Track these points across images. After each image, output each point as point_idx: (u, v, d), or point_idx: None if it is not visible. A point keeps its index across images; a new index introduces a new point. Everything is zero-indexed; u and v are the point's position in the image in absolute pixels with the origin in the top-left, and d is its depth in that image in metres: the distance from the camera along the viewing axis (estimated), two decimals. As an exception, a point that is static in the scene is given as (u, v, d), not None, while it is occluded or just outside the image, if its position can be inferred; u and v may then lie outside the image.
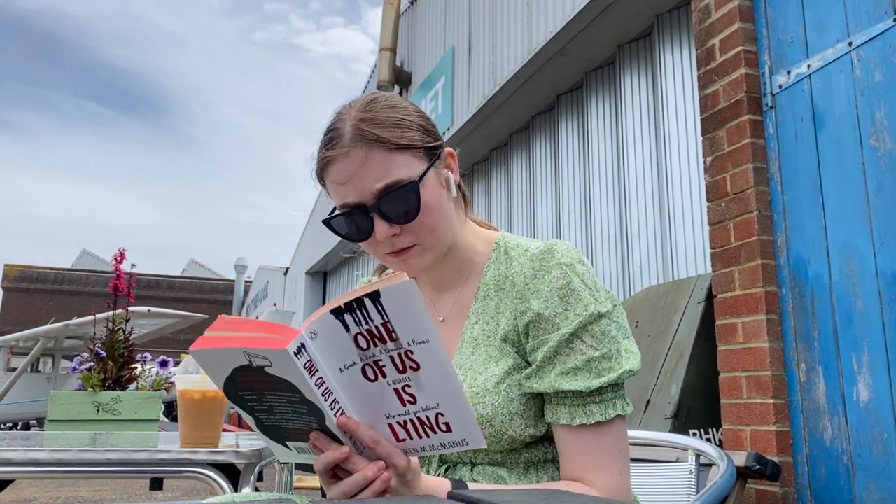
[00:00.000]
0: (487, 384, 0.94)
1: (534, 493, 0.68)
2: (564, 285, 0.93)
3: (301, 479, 3.79)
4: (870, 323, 2.33)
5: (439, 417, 0.75)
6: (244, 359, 0.71)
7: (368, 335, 0.72)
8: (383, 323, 0.71)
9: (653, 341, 3.29)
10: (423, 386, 0.74)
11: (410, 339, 0.71)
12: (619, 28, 5.10)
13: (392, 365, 0.73)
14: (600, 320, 0.93)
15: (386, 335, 0.71)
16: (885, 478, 2.24)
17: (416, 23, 8.84)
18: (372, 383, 0.75)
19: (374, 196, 0.92)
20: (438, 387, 0.74)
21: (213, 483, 1.53)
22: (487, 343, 0.98)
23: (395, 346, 0.72)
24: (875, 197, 2.35)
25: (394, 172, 0.92)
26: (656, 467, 1.49)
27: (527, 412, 0.94)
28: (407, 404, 0.75)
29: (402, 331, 0.71)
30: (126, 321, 2.57)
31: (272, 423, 0.79)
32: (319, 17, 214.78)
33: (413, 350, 0.72)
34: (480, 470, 0.97)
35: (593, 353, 0.91)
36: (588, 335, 0.92)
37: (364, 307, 0.70)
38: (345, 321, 0.71)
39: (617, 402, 0.93)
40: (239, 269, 22.13)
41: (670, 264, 4.62)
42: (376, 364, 0.73)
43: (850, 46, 2.48)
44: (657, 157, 4.90)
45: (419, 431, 0.77)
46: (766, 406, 2.58)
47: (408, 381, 0.74)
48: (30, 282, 31.44)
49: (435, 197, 0.96)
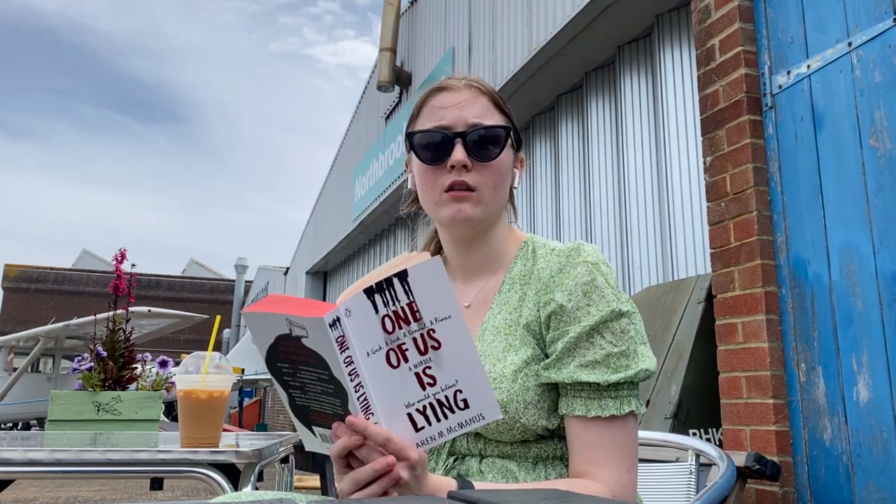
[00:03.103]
0: (506, 371, 0.96)
1: (534, 493, 0.68)
2: (589, 281, 0.97)
3: (301, 479, 3.79)
4: (869, 323, 2.33)
5: (458, 395, 0.78)
6: (286, 327, 0.75)
7: (394, 316, 0.75)
8: (409, 303, 0.74)
9: (653, 341, 3.29)
10: (442, 365, 0.77)
11: (433, 317, 0.75)
12: (619, 28, 5.10)
13: (414, 347, 0.76)
14: (620, 318, 0.96)
15: (410, 315, 0.74)
16: (884, 478, 2.24)
17: (416, 23, 8.85)
18: (394, 370, 0.77)
19: (468, 126, 1.01)
20: (458, 363, 0.76)
21: (214, 483, 1.53)
22: (509, 332, 1.01)
23: (419, 325, 0.75)
24: (875, 197, 2.35)
25: (491, 119, 1.03)
26: (656, 467, 1.49)
27: (541, 403, 0.96)
28: (427, 387, 0.78)
29: (425, 310, 0.74)
30: (126, 321, 2.57)
31: (303, 402, 0.82)
32: (332, 30, 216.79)
33: (435, 328, 0.75)
34: (490, 462, 0.97)
35: (612, 349, 0.94)
36: (608, 331, 0.95)
37: (392, 287, 0.73)
38: (374, 302, 0.74)
39: (632, 400, 0.95)
40: (239, 269, 22.13)
41: (670, 264, 4.62)
42: (399, 348, 0.76)
43: (850, 47, 2.48)
44: (657, 158, 4.90)
45: (437, 414, 0.79)
46: (766, 406, 2.58)
47: (428, 363, 0.77)
48: (30, 282, 31.42)
49: (507, 164, 1.04)
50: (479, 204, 1.01)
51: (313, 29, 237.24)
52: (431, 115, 1.04)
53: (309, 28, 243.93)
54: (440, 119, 1.02)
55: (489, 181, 1.01)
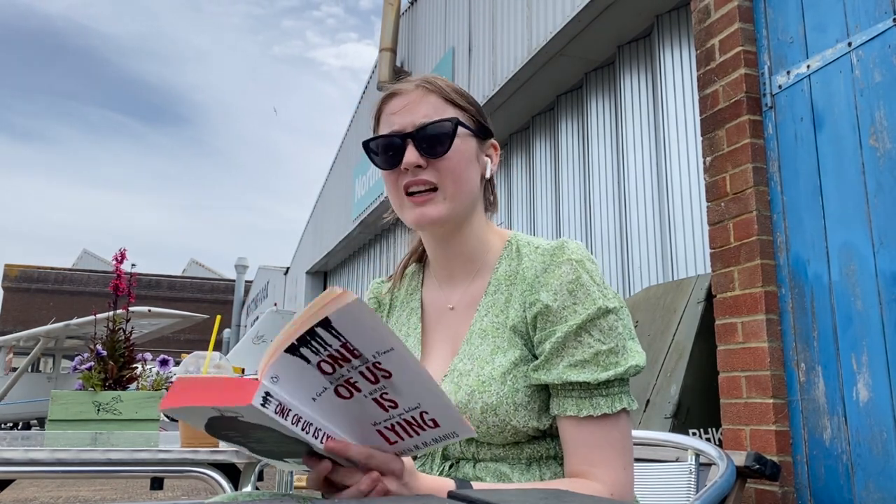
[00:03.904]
0: (494, 374, 0.96)
1: (533, 493, 0.68)
2: (574, 280, 0.96)
3: (301, 479, 3.79)
4: (869, 323, 2.33)
5: (424, 415, 0.76)
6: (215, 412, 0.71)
7: (331, 360, 0.71)
8: (342, 344, 0.69)
9: (653, 341, 3.29)
10: (399, 390, 0.73)
11: (374, 351, 0.70)
12: (619, 28, 5.10)
13: (364, 379, 0.72)
14: (608, 315, 0.95)
15: (348, 354, 0.70)
16: (884, 478, 2.25)
17: (416, 23, 8.85)
18: (349, 400, 0.74)
19: (416, 126, 1.01)
20: (415, 388, 0.73)
21: (214, 483, 1.53)
22: (496, 334, 1.00)
23: (361, 361, 0.71)
24: (874, 197, 2.36)
25: (441, 115, 1.02)
26: (656, 467, 1.49)
27: (531, 404, 0.95)
28: (389, 409, 0.75)
29: (363, 347, 0.70)
30: (126, 321, 2.57)
31: (264, 448, 0.80)
32: (335, 33, 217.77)
33: (380, 360, 0.71)
34: (483, 466, 0.97)
35: (601, 347, 0.93)
36: (596, 329, 0.94)
37: (318, 337, 0.68)
38: (303, 355, 0.70)
39: (623, 397, 0.94)
40: (239, 270, 22.12)
41: (670, 264, 4.62)
42: (348, 382, 0.73)
43: (850, 47, 2.48)
44: (657, 158, 4.90)
45: (408, 431, 0.77)
46: (766, 406, 2.59)
47: (384, 389, 0.73)
48: (30, 282, 31.42)
49: (466, 155, 1.03)
50: (444, 201, 1.01)
51: (316, 32, 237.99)
52: (385, 123, 1.05)
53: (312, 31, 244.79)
54: (391, 125, 1.03)
55: (447, 174, 1.01)
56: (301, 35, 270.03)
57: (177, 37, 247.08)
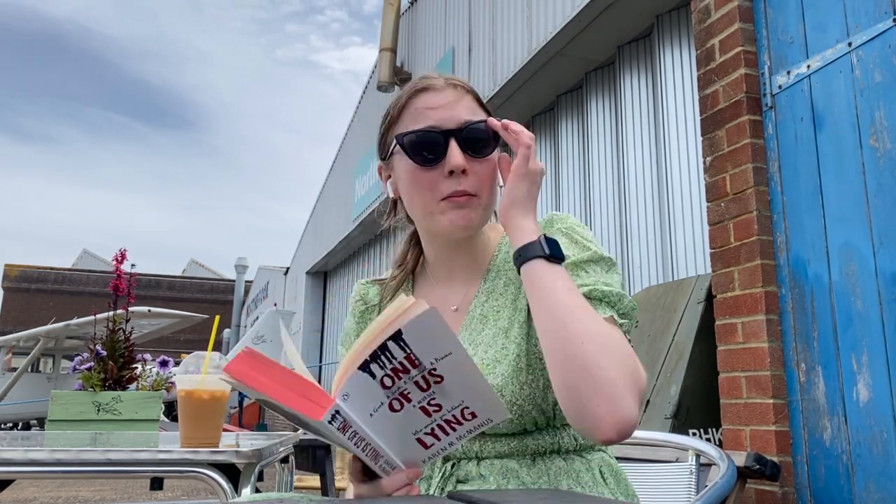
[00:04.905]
0: (497, 356, 0.96)
1: (534, 493, 0.68)
2: (568, 237, 0.99)
3: (301, 479, 3.79)
4: (869, 323, 2.33)
5: (464, 411, 0.76)
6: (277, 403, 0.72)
7: (393, 373, 0.71)
8: (406, 356, 0.70)
9: (653, 341, 3.29)
10: (447, 393, 0.74)
11: (433, 358, 0.70)
12: (619, 28, 5.10)
13: (416, 388, 0.73)
14: (603, 261, 0.97)
15: (409, 365, 0.70)
16: (884, 478, 2.24)
17: (416, 23, 8.85)
18: (398, 413, 0.74)
19: (460, 124, 0.98)
20: (462, 386, 0.74)
21: (214, 483, 1.53)
22: (497, 317, 1.00)
23: (418, 370, 0.71)
24: (875, 197, 2.35)
25: (479, 118, 1.01)
26: (656, 467, 1.49)
27: (534, 382, 0.95)
28: (433, 414, 0.75)
29: (424, 356, 0.70)
30: (126, 321, 2.57)
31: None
32: (338, 37, 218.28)
33: (436, 367, 0.71)
34: (488, 464, 0.96)
35: (597, 279, 0.94)
36: (592, 268, 0.95)
37: (388, 351, 0.69)
38: (371, 371, 0.70)
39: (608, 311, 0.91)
40: (239, 270, 22.12)
41: (670, 264, 4.62)
42: (402, 395, 0.73)
43: (850, 47, 2.48)
44: (657, 158, 4.90)
45: (445, 430, 0.77)
46: (766, 406, 2.58)
47: (433, 395, 0.74)
48: (30, 282, 31.43)
49: (495, 163, 1.02)
50: (479, 208, 0.99)
51: (320, 36, 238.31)
52: (418, 117, 0.99)
53: (316, 35, 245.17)
54: (427, 120, 0.98)
55: (485, 182, 0.99)
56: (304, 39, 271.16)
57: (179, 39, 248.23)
